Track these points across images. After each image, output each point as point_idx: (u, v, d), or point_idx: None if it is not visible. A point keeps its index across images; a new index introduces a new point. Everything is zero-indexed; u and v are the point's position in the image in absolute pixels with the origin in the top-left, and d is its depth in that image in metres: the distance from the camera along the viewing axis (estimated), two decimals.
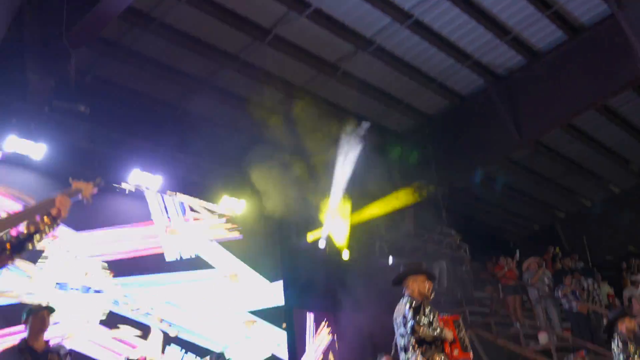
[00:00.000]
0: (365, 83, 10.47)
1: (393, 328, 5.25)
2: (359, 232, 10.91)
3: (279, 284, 10.08)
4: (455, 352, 4.91)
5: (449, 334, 4.97)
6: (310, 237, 10.46)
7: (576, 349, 10.77)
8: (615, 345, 6.40)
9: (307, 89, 10.17)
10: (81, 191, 3.17)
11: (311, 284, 10.09)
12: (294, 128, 10.64)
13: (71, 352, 5.69)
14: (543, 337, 10.98)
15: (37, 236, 2.96)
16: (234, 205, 9.41)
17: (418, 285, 5.11)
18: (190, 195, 9.18)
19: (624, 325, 6.50)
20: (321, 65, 9.87)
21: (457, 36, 9.76)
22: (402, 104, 11.18)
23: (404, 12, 9.07)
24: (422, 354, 4.92)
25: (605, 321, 10.23)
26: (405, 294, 5.14)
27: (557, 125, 11.15)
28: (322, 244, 10.41)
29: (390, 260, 10.69)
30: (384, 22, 9.21)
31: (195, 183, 9.16)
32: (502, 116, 10.68)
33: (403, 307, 5.06)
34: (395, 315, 5.18)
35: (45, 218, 2.98)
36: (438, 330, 4.89)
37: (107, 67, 8.72)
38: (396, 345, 5.23)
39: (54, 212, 3.02)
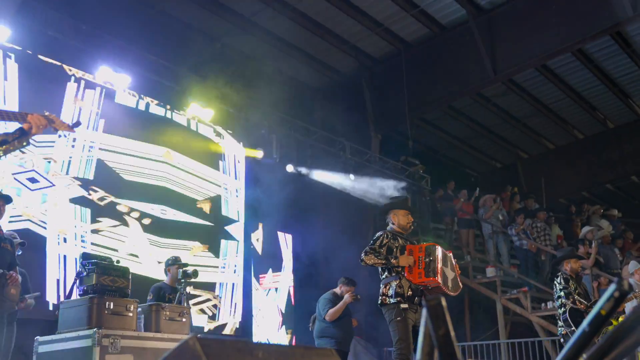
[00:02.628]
0: (350, 3, 10.24)
1: (346, 250, 5.72)
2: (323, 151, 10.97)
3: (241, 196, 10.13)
4: (419, 277, 5.13)
5: (402, 260, 5.18)
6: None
7: (520, 284, 11.26)
8: (558, 282, 6.68)
9: None
10: (54, 123, 3.14)
11: (270, 200, 10.15)
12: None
13: (24, 244, 5.65)
14: (490, 271, 11.41)
15: (2, 147, 2.93)
16: (202, 113, 9.24)
17: (399, 218, 5.51)
18: (158, 99, 8.96)
19: (570, 265, 6.78)
20: None
21: None
22: (381, 26, 10.97)
23: None
24: (383, 280, 5.35)
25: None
26: (389, 225, 5.57)
27: (532, 65, 11.13)
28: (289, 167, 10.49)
29: (352, 177, 10.79)
30: None
31: (164, 87, 8.91)
32: (479, 50, 10.61)
33: None
34: None
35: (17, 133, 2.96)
36: (381, 257, 5.20)
37: None
38: None
39: (25, 126, 2.96)
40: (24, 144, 3.04)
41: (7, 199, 5.12)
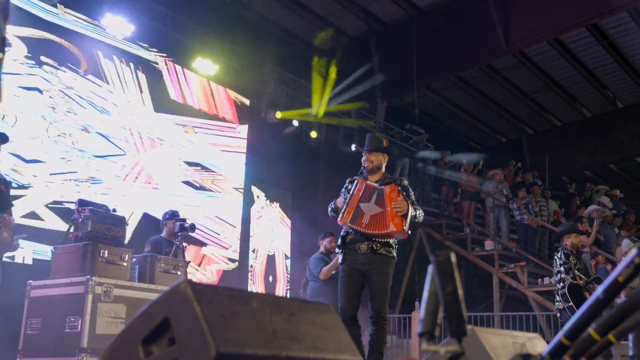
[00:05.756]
0: None
1: None
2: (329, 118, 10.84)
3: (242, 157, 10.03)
4: (344, 218, 4.55)
5: (338, 200, 4.73)
6: (279, 115, 10.28)
7: (518, 259, 11.25)
8: (558, 257, 6.64)
9: None
10: None
11: (274, 162, 10.07)
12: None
13: (10, 183, 5.47)
14: (489, 244, 11.40)
15: None
16: (208, 67, 9.06)
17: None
18: (162, 51, 8.78)
19: (570, 240, 6.72)
20: None
21: None
22: None
23: None
24: None
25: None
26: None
27: (546, 38, 10.91)
28: (294, 123, 10.35)
29: (353, 148, 10.67)
30: None
31: (169, 38, 8.73)
32: (493, 20, 10.39)
33: None
34: None
35: None
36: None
37: None
38: None
39: None
40: None
41: (4, 138, 5.00)
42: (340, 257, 4.68)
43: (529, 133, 16.15)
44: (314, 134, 10.77)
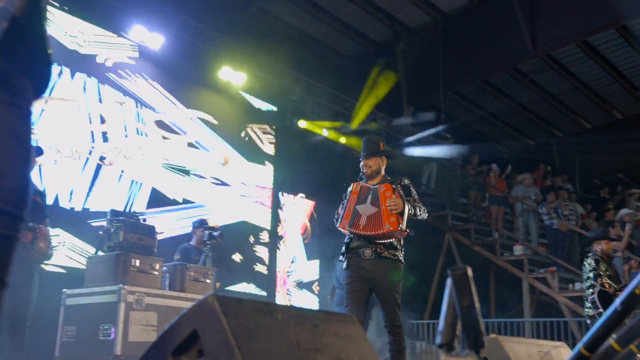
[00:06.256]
0: None
1: None
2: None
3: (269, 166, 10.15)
4: (342, 223, 4.50)
5: (340, 208, 4.64)
6: (303, 124, 10.36)
7: (548, 264, 11.11)
8: (587, 263, 6.55)
9: None
10: None
11: (300, 168, 10.16)
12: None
13: (45, 194, 5.62)
14: (518, 249, 11.27)
15: None
16: (234, 77, 9.19)
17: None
18: (190, 61, 8.92)
19: (600, 246, 6.63)
20: None
21: None
22: None
23: None
24: None
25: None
26: None
27: (574, 41, 10.80)
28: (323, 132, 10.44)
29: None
30: None
31: (196, 48, 8.87)
32: (519, 23, 10.33)
33: None
34: None
35: None
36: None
37: None
38: None
39: None
40: None
41: (39, 151, 5.17)
42: (344, 263, 4.53)
43: (558, 136, 15.95)
44: (342, 140, 10.81)
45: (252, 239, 9.57)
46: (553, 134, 15.91)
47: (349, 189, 4.66)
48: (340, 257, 4.62)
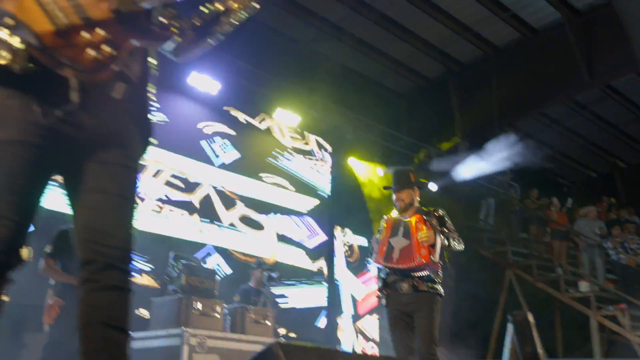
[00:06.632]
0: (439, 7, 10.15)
1: None
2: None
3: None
4: (377, 258, 4.55)
5: (372, 242, 4.70)
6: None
7: (618, 301, 10.63)
8: None
9: None
10: None
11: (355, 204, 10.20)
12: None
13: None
14: (584, 286, 10.84)
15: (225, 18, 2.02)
16: (289, 118, 9.38)
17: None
18: (246, 103, 9.17)
19: None
20: None
21: None
22: (470, 31, 10.76)
23: None
24: None
25: None
26: None
27: (632, 71, 10.56)
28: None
29: (432, 187, 10.58)
30: None
31: (251, 92, 9.10)
32: (575, 54, 10.19)
33: None
34: None
35: None
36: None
37: None
38: None
39: None
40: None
41: None
42: (384, 300, 4.55)
43: (621, 167, 15.46)
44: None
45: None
46: (615, 164, 15.43)
47: (382, 223, 4.72)
48: (378, 293, 4.64)
